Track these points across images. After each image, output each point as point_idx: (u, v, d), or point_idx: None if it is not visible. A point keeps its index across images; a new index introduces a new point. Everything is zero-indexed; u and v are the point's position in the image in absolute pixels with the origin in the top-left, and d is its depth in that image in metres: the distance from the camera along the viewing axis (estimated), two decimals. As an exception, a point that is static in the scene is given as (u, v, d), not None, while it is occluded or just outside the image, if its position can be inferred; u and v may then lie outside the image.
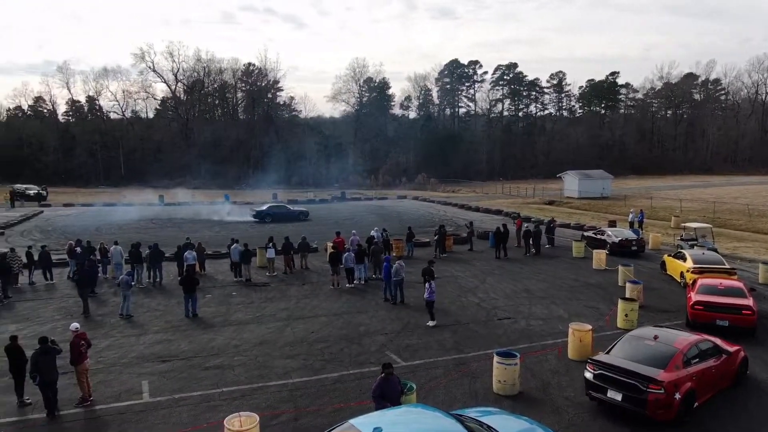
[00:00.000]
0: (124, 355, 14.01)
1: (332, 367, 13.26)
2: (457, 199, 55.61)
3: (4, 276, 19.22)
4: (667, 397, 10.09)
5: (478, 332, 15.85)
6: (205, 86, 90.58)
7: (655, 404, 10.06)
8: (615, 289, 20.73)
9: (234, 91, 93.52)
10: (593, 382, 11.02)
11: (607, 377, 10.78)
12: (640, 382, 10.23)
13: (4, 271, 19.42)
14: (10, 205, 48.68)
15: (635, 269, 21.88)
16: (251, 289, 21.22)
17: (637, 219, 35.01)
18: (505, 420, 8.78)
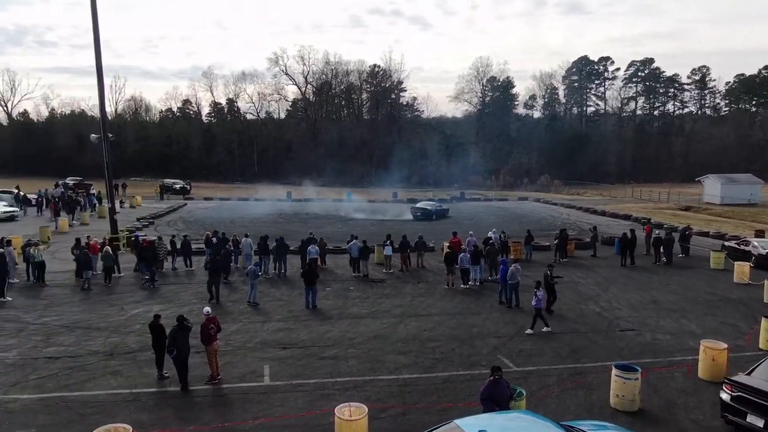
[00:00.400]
0: (250, 339, 15.06)
1: (442, 366, 13.32)
2: (581, 202, 53.10)
3: (152, 261, 21.41)
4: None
5: (597, 342, 15.12)
6: (333, 88, 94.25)
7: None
8: (759, 305, 18.82)
9: (359, 92, 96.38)
10: (730, 404, 10.12)
11: (748, 401, 9.84)
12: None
13: (153, 257, 21.67)
14: (160, 197, 53.96)
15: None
16: (368, 284, 21.81)
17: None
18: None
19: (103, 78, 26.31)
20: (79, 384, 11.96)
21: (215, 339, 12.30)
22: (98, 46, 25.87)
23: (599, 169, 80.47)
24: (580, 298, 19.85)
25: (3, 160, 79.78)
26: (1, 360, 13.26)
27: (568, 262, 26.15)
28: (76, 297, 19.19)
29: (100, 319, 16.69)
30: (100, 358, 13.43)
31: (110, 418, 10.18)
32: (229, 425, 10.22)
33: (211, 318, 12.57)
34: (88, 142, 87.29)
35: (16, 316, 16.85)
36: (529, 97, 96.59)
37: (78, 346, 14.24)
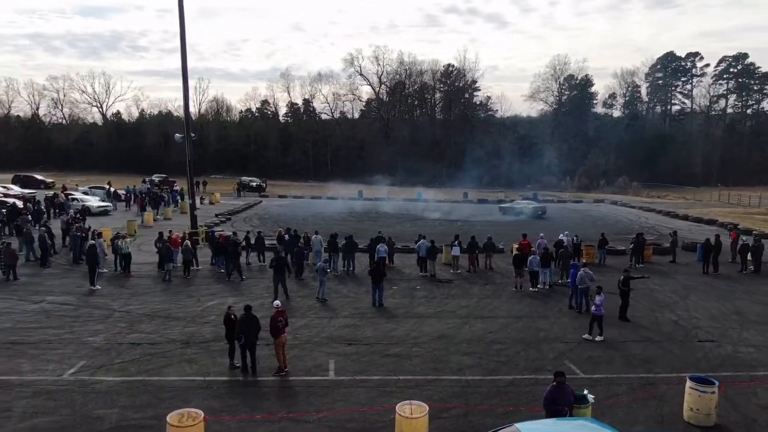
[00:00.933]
0: (317, 334, 15.46)
1: (507, 369, 13.18)
2: (662, 206, 50.64)
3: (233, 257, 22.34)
4: None
5: (672, 352, 14.46)
6: (406, 87, 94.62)
7: None
8: None
9: (432, 92, 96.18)
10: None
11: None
12: None
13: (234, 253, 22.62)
14: (237, 194, 56.14)
15: None
16: (435, 284, 21.81)
17: None
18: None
19: (188, 80, 27.77)
20: (158, 369, 12.72)
21: (283, 332, 12.69)
22: (184, 51, 27.28)
23: (683, 171, 76.38)
24: (655, 305, 19.00)
25: (98, 158, 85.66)
26: (90, 344, 14.30)
27: (644, 267, 25.07)
28: (158, 287, 20.35)
29: (179, 309, 17.63)
30: (177, 346, 14.21)
31: (184, 402, 10.76)
32: (294, 416, 10.56)
33: (281, 311, 13.00)
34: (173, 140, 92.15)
35: (105, 303, 18.09)
36: (608, 96, 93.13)
37: (158, 334, 15.13)
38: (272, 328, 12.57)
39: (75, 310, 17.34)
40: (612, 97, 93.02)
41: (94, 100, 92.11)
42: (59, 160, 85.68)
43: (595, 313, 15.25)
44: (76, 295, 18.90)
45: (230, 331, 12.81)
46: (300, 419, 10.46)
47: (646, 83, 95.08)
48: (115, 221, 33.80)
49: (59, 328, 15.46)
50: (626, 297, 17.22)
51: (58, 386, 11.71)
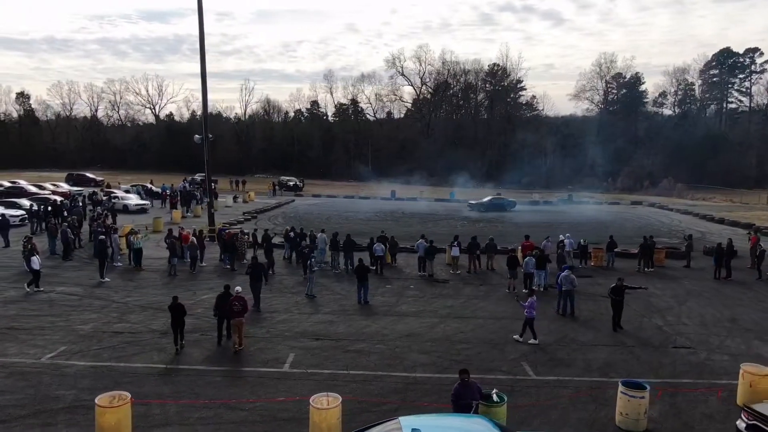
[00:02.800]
0: (291, 329, 16.02)
1: (459, 368, 13.31)
2: (703, 209, 48.67)
3: (233, 252, 23.34)
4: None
5: (639, 358, 14.23)
6: (451, 87, 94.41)
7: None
8: None
9: (476, 92, 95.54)
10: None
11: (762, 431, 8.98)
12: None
13: (233, 248, 23.61)
14: (272, 193, 57.68)
15: None
16: (430, 284, 22.02)
17: None
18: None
19: (206, 83, 28.94)
20: (128, 357, 13.59)
21: (239, 315, 14.06)
22: (203, 55, 28.47)
23: (737, 172, 72.80)
24: (647, 310, 18.58)
25: (151, 157, 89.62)
26: (78, 331, 15.37)
27: (654, 272, 24.45)
28: (162, 281, 21.47)
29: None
30: (155, 336, 15.08)
31: (137, 387, 11.56)
32: (232, 403, 11.14)
33: (239, 297, 14.27)
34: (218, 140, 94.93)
35: (107, 295, 19.29)
36: (659, 95, 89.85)
37: (142, 324, 16.08)
38: (229, 311, 13.88)
39: (78, 300, 18.58)
40: (662, 96, 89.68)
41: (148, 102, 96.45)
42: (115, 159, 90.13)
43: (526, 316, 15.15)
44: (84, 287, 20.20)
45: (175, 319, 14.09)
46: (236, 406, 11.02)
47: (699, 80, 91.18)
48: (149, 218, 35.55)
49: (57, 316, 16.65)
50: (617, 306, 16.57)
51: (33, 368, 12.74)
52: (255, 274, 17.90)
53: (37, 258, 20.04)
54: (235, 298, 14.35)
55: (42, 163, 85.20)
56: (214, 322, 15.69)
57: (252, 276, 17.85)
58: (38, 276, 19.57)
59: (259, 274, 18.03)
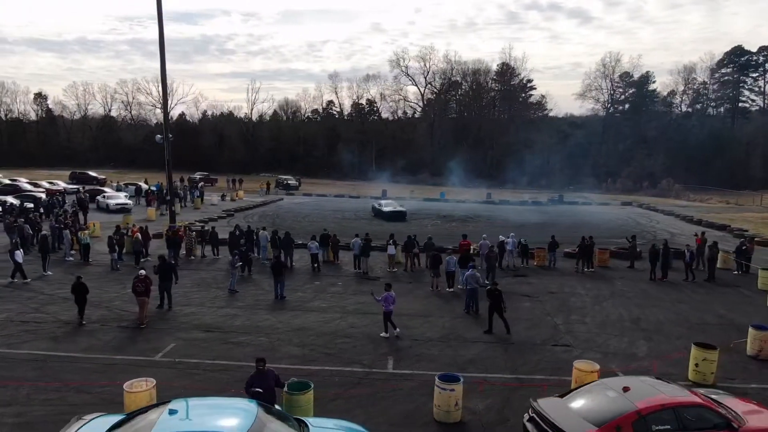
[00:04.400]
0: (190, 321, 16.72)
1: (324, 360, 13.85)
2: (692, 210, 48.00)
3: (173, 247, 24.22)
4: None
5: (507, 354, 14.54)
6: (460, 87, 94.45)
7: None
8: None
9: (487, 91, 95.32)
10: (526, 427, 9.60)
11: (540, 427, 9.30)
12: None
13: (176, 244, 24.47)
14: (266, 192, 58.69)
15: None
16: (360, 281, 22.48)
17: None
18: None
19: (166, 83, 29.76)
20: (19, 344, 14.45)
21: (142, 295, 16.09)
22: (163, 55, 29.34)
23: (742, 173, 71.27)
24: (554, 310, 18.74)
25: (160, 156, 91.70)
26: (-11, 320, 16.35)
27: (594, 272, 24.51)
28: (102, 275, 22.39)
29: (99, 293, 19.35)
30: (57, 326, 15.94)
31: (8, 372, 12.43)
32: (80, 385, 11.88)
33: (142, 279, 16.23)
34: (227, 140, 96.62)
35: (40, 287, 20.27)
36: (667, 94, 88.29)
37: (52, 315, 16.96)
38: (132, 290, 16.30)
39: (11, 291, 19.62)
40: (671, 95, 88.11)
41: (158, 102, 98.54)
42: (127, 158, 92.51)
43: (384, 310, 15.58)
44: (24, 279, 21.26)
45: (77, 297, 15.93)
46: (85, 389, 11.75)
47: (712, 80, 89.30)
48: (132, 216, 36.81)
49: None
50: (493, 310, 16.16)
51: (-77, 352, 13.70)
52: (162, 273, 17.97)
53: (21, 252, 21.34)
54: (139, 280, 16.19)
55: (57, 162, 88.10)
56: (121, 313, 16.60)
57: (159, 275, 17.93)
58: (20, 268, 20.85)
59: (167, 274, 18.03)
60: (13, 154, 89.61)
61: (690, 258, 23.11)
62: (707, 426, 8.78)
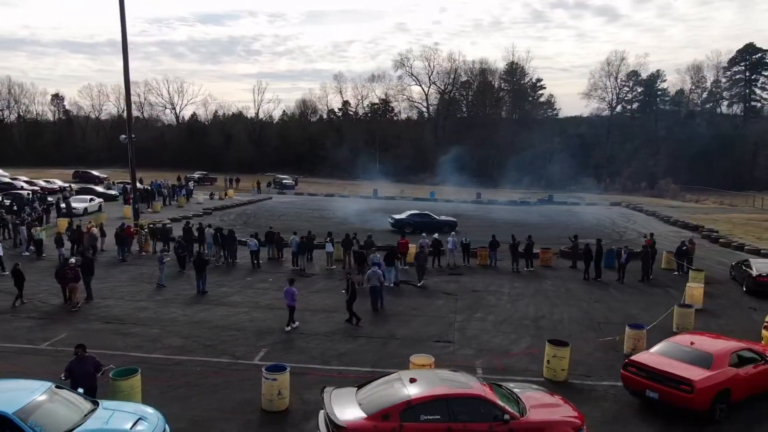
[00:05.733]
0: (98, 314, 17.42)
1: (199, 351, 14.40)
2: (683, 211, 47.37)
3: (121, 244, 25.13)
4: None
5: (386, 349, 14.90)
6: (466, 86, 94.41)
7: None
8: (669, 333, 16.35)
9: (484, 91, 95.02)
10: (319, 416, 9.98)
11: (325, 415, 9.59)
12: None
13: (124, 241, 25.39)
14: (257, 191, 59.65)
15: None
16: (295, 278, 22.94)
17: None
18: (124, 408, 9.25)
19: (129, 84, 30.88)
20: (-77, 331, 15.40)
21: (71, 281, 17.87)
22: (126, 57, 30.38)
23: (747, 173, 69.64)
24: (465, 308, 18.96)
25: (170, 156, 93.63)
26: None
27: (532, 271, 24.59)
28: (47, 269, 23.19)
29: (34, 286, 19.99)
30: (-29, 315, 16.88)
31: None
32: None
33: (72, 267, 18.12)
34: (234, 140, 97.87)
35: (-15, 279, 21.33)
36: (675, 93, 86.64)
37: (-24, 304, 17.94)
38: (63, 276, 17.83)
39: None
40: (680, 94, 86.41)
41: (169, 103, 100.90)
42: (138, 157, 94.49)
43: (287, 305, 16.17)
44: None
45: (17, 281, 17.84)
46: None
47: (723, 77, 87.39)
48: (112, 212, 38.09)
49: None
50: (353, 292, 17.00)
51: None
52: (84, 269, 18.88)
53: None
54: (69, 267, 18.03)
55: (72, 162, 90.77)
56: (38, 305, 17.49)
57: (82, 271, 18.73)
58: None
59: (89, 269, 19.05)
60: (30, 154, 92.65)
61: (626, 259, 22.99)
62: (484, 418, 9.04)
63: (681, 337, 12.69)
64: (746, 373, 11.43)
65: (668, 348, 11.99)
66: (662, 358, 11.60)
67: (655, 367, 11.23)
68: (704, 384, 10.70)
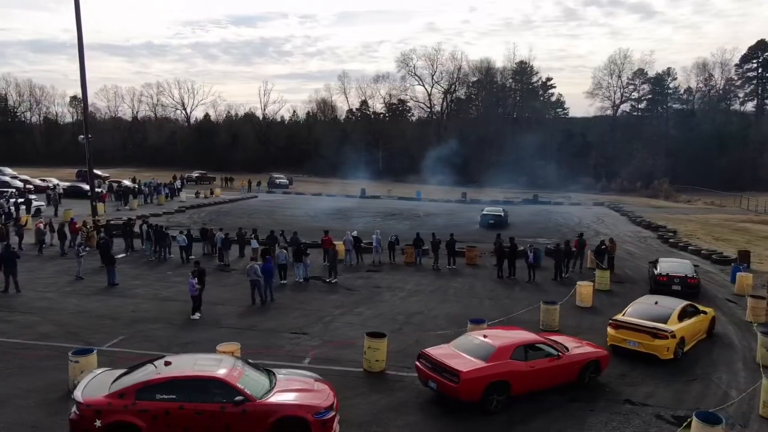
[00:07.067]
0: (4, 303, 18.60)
1: (59, 337, 15.34)
2: (662, 210, 46.75)
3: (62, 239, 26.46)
4: None
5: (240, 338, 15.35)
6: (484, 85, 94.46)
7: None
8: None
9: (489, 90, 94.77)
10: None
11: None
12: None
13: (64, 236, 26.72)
14: (247, 190, 61.00)
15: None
16: (216, 272, 23.83)
17: None
18: None
19: (86, 85, 32.36)
20: None
21: None
22: (82, 58, 31.76)
23: (750, 173, 67.74)
24: (351, 303, 19.53)
25: (180, 156, 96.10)
26: None
27: (454, 269, 24.93)
28: None
29: None
30: None
31: None
32: None
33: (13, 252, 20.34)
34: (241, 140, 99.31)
35: None
36: (683, 91, 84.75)
37: None
38: None
39: None
40: (688, 92, 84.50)
41: (180, 104, 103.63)
42: (151, 157, 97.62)
43: (191, 295, 17.09)
44: None
45: None
46: None
47: (736, 75, 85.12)
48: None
49: None
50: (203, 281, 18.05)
51: None
52: (6, 261, 20.02)
53: None
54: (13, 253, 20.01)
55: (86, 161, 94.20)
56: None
57: (3, 263, 19.97)
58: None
59: (11, 261, 20.05)
60: (49, 155, 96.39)
61: (534, 258, 23.15)
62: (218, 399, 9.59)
63: (480, 330, 13.04)
64: (531, 367, 11.73)
65: (462, 341, 12.39)
66: (450, 351, 12.01)
67: (437, 359, 11.64)
68: (471, 375, 11.07)
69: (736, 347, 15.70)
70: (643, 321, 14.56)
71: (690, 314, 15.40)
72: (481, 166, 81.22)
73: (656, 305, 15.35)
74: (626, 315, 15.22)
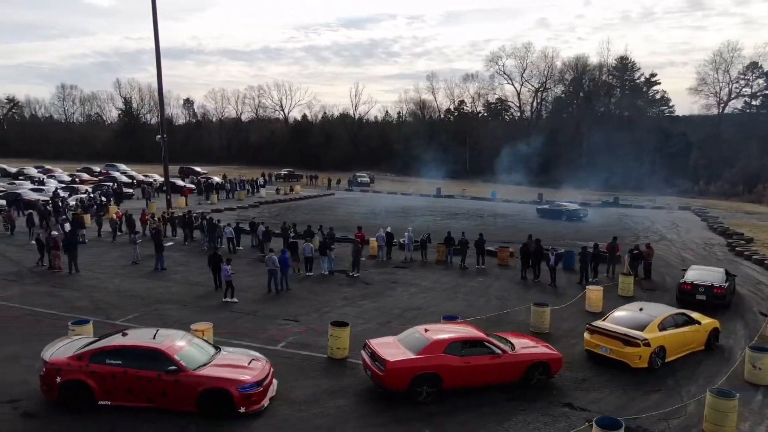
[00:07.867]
0: (58, 281, 21.47)
1: (86, 311, 17.54)
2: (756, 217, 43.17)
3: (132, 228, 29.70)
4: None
5: (237, 323, 16.95)
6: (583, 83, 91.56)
7: None
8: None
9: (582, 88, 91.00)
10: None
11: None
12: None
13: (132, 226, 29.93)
14: (327, 187, 63.50)
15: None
16: (254, 262, 25.66)
17: None
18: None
19: (162, 87, 35.70)
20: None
21: (54, 249, 22.73)
22: (159, 67, 35.17)
23: None
24: (360, 297, 20.38)
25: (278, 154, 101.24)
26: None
27: (483, 269, 25.01)
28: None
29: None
30: None
31: None
32: None
33: (53, 238, 23.03)
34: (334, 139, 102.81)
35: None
36: (805, 85, 76.47)
37: None
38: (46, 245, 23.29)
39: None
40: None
41: (279, 106, 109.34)
42: (252, 156, 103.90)
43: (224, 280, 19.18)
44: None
45: None
46: None
47: None
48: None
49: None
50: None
51: None
52: (67, 245, 22.89)
53: None
54: (52, 239, 23.07)
55: (195, 159, 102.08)
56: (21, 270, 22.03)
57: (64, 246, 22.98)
58: None
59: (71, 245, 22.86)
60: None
61: (554, 261, 22.70)
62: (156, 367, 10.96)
63: (427, 325, 13.39)
64: (466, 363, 12.02)
65: (405, 334, 12.94)
66: (390, 342, 12.60)
67: (374, 349, 12.28)
68: (396, 365, 11.60)
69: (733, 362, 14.73)
70: (617, 327, 14.34)
71: (679, 324, 14.93)
72: (569, 166, 78.41)
73: (640, 312, 15.06)
74: (606, 320, 15.04)
